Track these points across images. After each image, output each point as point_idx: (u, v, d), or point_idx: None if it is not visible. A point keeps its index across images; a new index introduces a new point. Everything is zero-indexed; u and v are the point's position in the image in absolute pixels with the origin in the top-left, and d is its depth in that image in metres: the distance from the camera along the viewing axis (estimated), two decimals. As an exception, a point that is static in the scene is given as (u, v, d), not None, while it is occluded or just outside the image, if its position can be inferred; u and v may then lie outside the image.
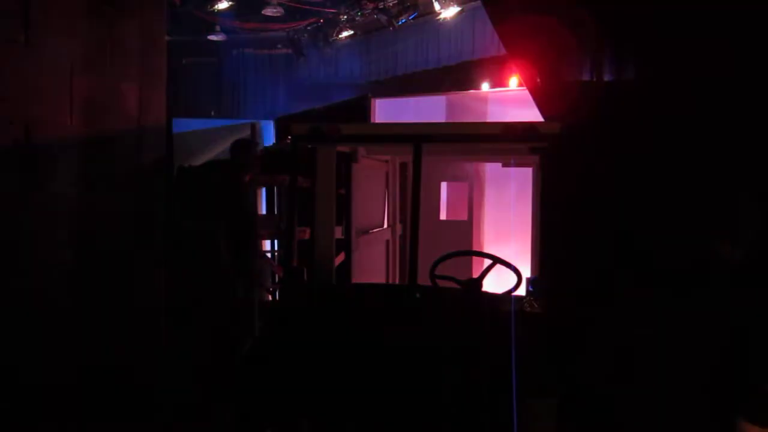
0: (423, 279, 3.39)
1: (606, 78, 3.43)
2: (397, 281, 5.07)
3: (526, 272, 3.57)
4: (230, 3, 9.43)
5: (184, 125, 8.71)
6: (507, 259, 3.46)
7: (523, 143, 3.33)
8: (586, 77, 3.50)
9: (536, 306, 3.00)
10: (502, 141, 3.28)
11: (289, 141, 3.50)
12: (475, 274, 3.62)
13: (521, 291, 3.29)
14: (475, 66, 9.75)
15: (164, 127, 3.48)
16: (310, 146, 3.58)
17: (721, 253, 2.71)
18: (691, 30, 3.01)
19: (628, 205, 3.19)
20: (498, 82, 8.53)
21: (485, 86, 8.39)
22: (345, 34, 10.48)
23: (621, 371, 2.74)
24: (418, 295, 3.16)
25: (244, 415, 3.20)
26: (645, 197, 3.15)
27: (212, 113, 11.09)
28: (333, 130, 3.35)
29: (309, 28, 10.51)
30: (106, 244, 3.05)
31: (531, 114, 3.92)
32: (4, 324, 2.44)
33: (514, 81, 7.09)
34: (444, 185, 6.87)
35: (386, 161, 4.93)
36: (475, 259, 5.52)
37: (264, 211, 7.00)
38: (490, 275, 3.55)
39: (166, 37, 3.42)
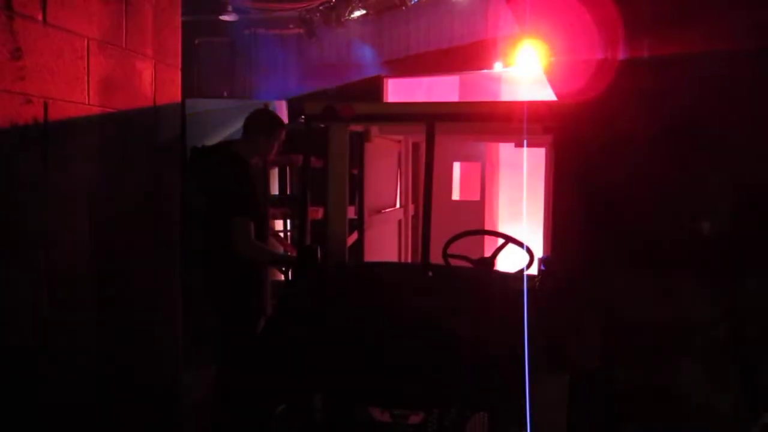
0: (435, 258, 3.42)
1: (620, 56, 3.40)
2: (409, 261, 5.11)
3: (539, 251, 3.59)
4: (242, -18, 9.40)
5: (197, 105, 8.73)
6: (519, 238, 3.48)
7: (535, 122, 3.33)
8: (600, 56, 3.48)
9: (547, 284, 3.01)
10: (515, 120, 3.28)
11: (302, 120, 3.51)
12: (488, 254, 3.64)
13: (533, 270, 3.31)
14: (489, 45, 9.68)
15: (179, 106, 3.50)
16: (323, 126, 3.60)
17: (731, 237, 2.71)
18: (708, 7, 2.98)
19: (641, 185, 3.19)
20: (511, 61, 8.47)
21: (498, 66, 8.33)
22: (357, 13, 10.41)
23: (630, 349, 2.76)
24: (430, 274, 3.19)
25: (258, 393, 3.25)
26: (658, 177, 3.14)
27: (224, 93, 11.10)
28: (347, 109, 3.36)
29: (321, 7, 10.44)
30: (122, 223, 3.08)
31: (545, 93, 3.91)
32: (20, 303, 2.48)
33: (527, 60, 7.05)
34: (457, 165, 6.88)
35: (399, 141, 4.94)
36: (487, 239, 5.54)
37: (276, 191, 7.04)
38: (505, 255, 3.58)
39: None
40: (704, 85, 2.99)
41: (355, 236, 4.19)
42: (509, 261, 3.67)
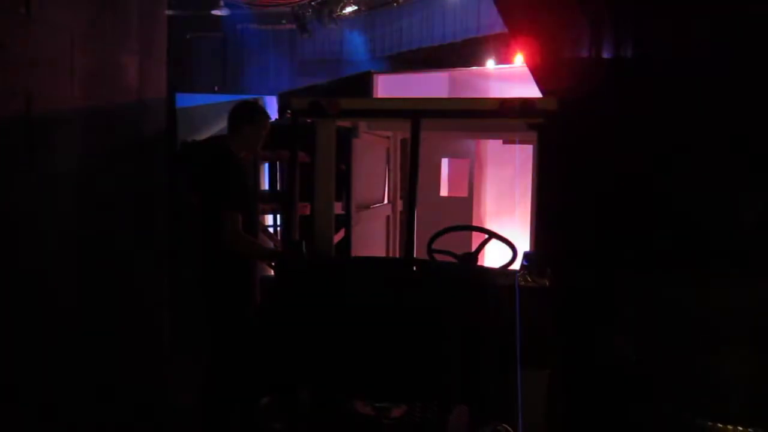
0: (423, 254, 3.45)
1: (605, 54, 3.43)
2: (397, 256, 5.13)
3: (527, 248, 3.60)
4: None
5: (188, 100, 8.73)
6: (507, 235, 3.51)
7: (520, 119, 3.35)
8: (584, 54, 3.50)
9: (530, 280, 3.04)
10: (499, 116, 3.31)
11: (289, 116, 3.51)
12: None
13: (517, 265, 3.34)
14: (481, 42, 9.72)
15: (164, 99, 3.51)
16: (309, 121, 3.61)
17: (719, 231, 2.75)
18: (692, 6, 3.01)
19: (624, 181, 3.22)
20: (503, 58, 8.50)
21: (490, 63, 8.35)
22: (349, 9, 10.44)
23: (611, 343, 2.80)
24: (414, 268, 3.20)
25: (243, 385, 3.28)
26: (642, 173, 3.17)
27: (216, 88, 11.10)
28: (332, 104, 3.38)
29: (313, 3, 10.45)
30: (107, 213, 3.09)
31: (534, 91, 3.93)
32: (6, 290, 2.49)
33: (519, 58, 7.07)
34: (445, 162, 6.89)
35: (387, 137, 4.96)
36: (474, 234, 5.57)
37: (267, 187, 7.05)
38: (493, 251, 3.60)
39: (170, 11, 3.44)
40: (687, 82, 3.02)
41: (343, 233, 4.21)
42: (497, 256, 3.69)
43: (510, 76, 6.93)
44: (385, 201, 5.18)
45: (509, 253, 3.38)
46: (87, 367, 2.93)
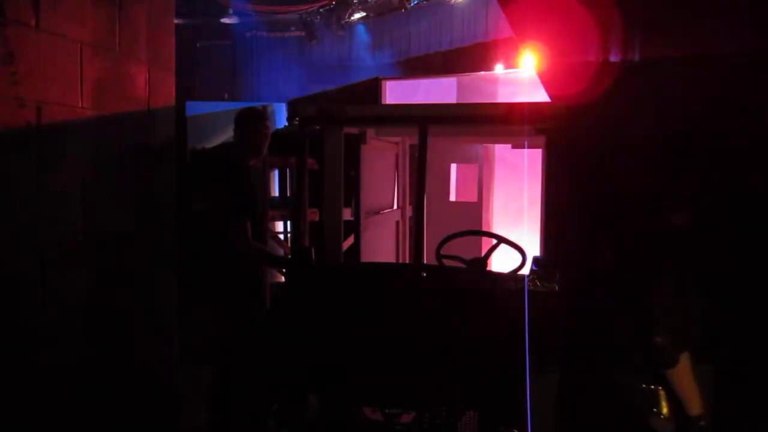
0: (433, 260, 3.45)
1: (613, 59, 3.43)
2: (406, 261, 5.13)
3: (536, 252, 3.59)
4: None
5: (198, 108, 8.81)
6: (517, 240, 3.49)
7: (528, 124, 3.35)
8: (592, 58, 3.50)
9: (539, 284, 3.03)
10: (507, 121, 3.31)
11: (296, 123, 3.53)
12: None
13: (526, 270, 3.33)
14: (489, 47, 9.73)
15: (173, 108, 3.53)
16: (317, 128, 3.63)
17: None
18: (700, 10, 3.01)
19: (631, 185, 3.21)
20: (512, 63, 8.50)
21: (499, 68, 8.35)
22: (357, 16, 10.50)
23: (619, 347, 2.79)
24: (423, 274, 3.20)
25: (252, 392, 3.28)
26: (648, 178, 3.16)
27: (225, 96, 11.17)
28: (339, 112, 3.40)
29: (321, 10, 10.52)
30: (116, 224, 3.10)
31: (543, 95, 3.92)
32: (12, 302, 2.51)
33: (527, 63, 7.06)
34: (454, 167, 6.90)
35: (396, 143, 4.97)
36: (485, 239, 5.56)
37: (277, 194, 7.08)
38: (503, 256, 3.59)
39: (179, 20, 3.46)
40: (694, 87, 3.02)
41: (352, 239, 4.22)
42: (508, 261, 3.68)
43: (518, 80, 6.92)
44: (395, 207, 5.19)
45: (519, 258, 3.38)
46: (92, 371, 2.94)
